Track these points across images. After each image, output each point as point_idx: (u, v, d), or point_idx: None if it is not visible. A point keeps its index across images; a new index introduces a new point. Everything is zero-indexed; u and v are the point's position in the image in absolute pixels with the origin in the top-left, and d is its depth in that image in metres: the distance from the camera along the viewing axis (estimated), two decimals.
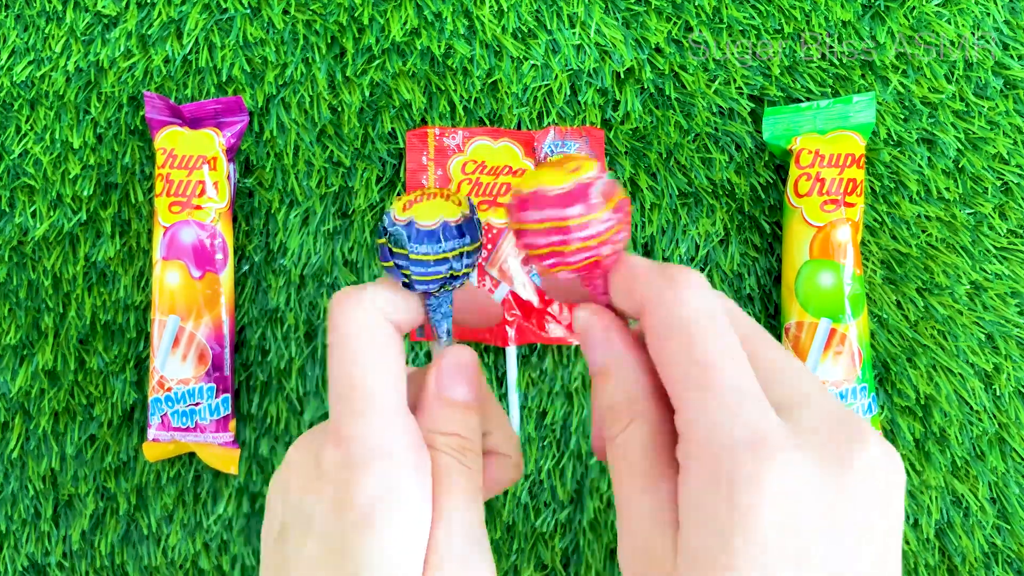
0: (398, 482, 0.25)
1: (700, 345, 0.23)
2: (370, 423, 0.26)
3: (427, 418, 0.28)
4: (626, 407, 0.25)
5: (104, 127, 0.49)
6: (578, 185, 0.25)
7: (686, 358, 0.23)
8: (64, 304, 0.49)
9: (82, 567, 0.50)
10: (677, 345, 0.24)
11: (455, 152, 0.49)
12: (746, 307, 0.50)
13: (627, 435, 0.25)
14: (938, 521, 0.49)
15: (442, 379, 0.29)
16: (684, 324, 0.24)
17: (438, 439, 0.28)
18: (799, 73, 0.49)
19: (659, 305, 0.24)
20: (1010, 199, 0.49)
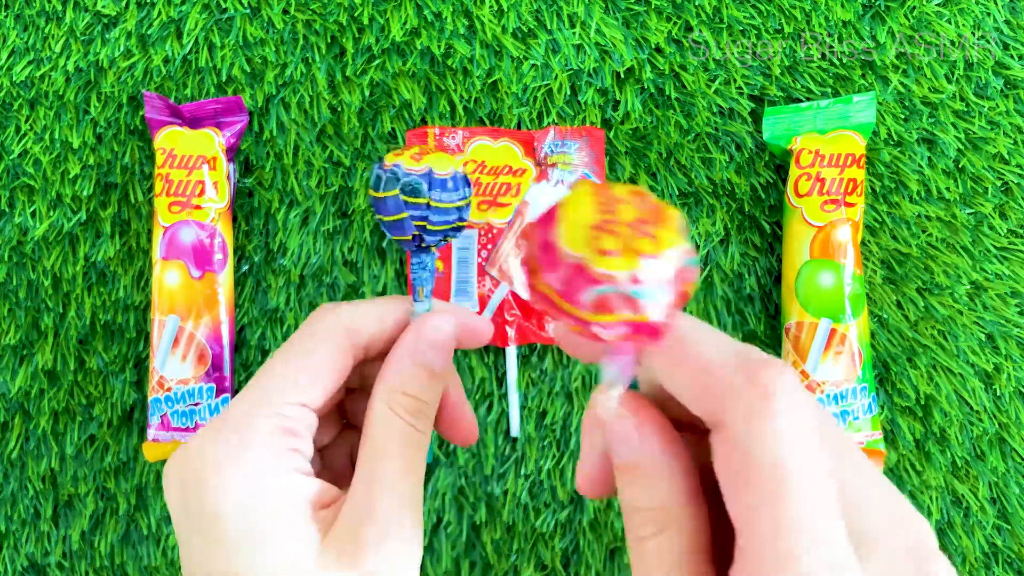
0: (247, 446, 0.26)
1: (786, 490, 0.20)
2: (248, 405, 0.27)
3: (393, 374, 0.28)
4: (660, 514, 0.23)
5: (104, 127, 0.49)
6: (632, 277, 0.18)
7: (771, 506, 0.20)
8: (64, 304, 0.49)
9: (82, 567, 0.50)
10: (756, 480, 0.20)
11: (455, 152, 0.49)
12: (746, 307, 0.49)
13: (659, 543, 0.22)
14: (938, 521, 0.49)
15: (420, 343, 0.29)
16: (772, 458, 0.20)
17: (398, 398, 0.28)
18: (799, 73, 0.49)
19: (741, 430, 0.20)
20: (1010, 199, 0.49)
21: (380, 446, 0.27)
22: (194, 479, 0.26)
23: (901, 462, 0.49)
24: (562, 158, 0.48)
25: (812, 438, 0.20)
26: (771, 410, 0.20)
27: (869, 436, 0.46)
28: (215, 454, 0.26)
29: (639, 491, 0.23)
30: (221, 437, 0.26)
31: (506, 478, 0.50)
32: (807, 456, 0.20)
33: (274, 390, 0.27)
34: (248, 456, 0.26)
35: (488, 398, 0.49)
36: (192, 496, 0.26)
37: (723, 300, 0.49)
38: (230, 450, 0.26)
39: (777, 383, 0.20)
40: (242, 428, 0.26)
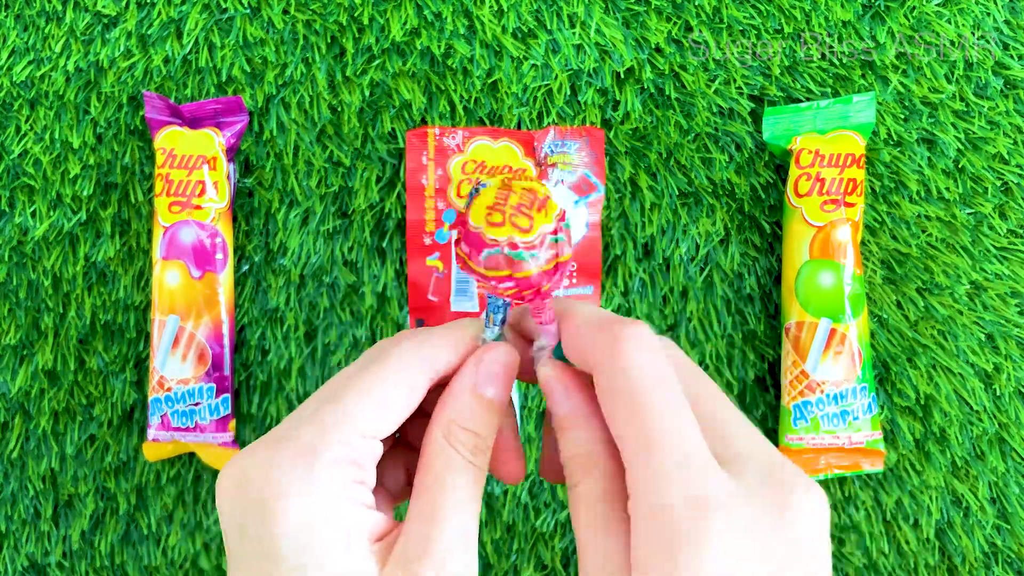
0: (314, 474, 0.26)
1: (645, 408, 0.24)
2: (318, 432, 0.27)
3: (453, 407, 0.28)
4: (585, 460, 0.27)
5: (104, 127, 0.49)
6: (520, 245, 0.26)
7: (631, 420, 0.24)
8: (64, 304, 0.49)
9: (82, 567, 0.50)
10: (623, 407, 0.25)
11: (455, 152, 0.49)
12: (746, 307, 0.50)
13: (585, 486, 0.26)
14: (938, 521, 0.49)
15: (481, 374, 0.29)
16: (629, 386, 0.25)
17: (456, 432, 0.28)
18: (799, 73, 0.49)
19: (604, 365, 0.25)
20: (1010, 199, 0.49)
21: (438, 480, 0.27)
22: (256, 499, 0.26)
23: (901, 462, 0.49)
24: (562, 158, 0.49)
25: (659, 368, 0.25)
26: (621, 348, 0.25)
27: (869, 436, 0.46)
28: (281, 478, 0.26)
29: (569, 441, 0.27)
30: (287, 461, 0.26)
31: None
32: (655, 380, 0.25)
33: (346, 419, 0.27)
34: (315, 485, 0.26)
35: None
36: (252, 515, 0.26)
37: (723, 300, 0.49)
38: (297, 475, 0.26)
39: (625, 331, 0.25)
40: (311, 455, 0.26)
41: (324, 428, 0.27)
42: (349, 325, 0.49)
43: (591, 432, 0.27)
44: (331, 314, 0.49)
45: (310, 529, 0.25)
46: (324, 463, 0.26)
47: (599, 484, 0.26)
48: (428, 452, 0.28)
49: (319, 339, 0.49)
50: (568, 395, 0.28)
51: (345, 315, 0.49)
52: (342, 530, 0.26)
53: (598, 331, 0.26)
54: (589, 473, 0.26)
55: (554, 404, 0.28)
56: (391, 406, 0.28)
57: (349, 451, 0.27)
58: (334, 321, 0.49)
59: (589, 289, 0.49)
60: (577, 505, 0.26)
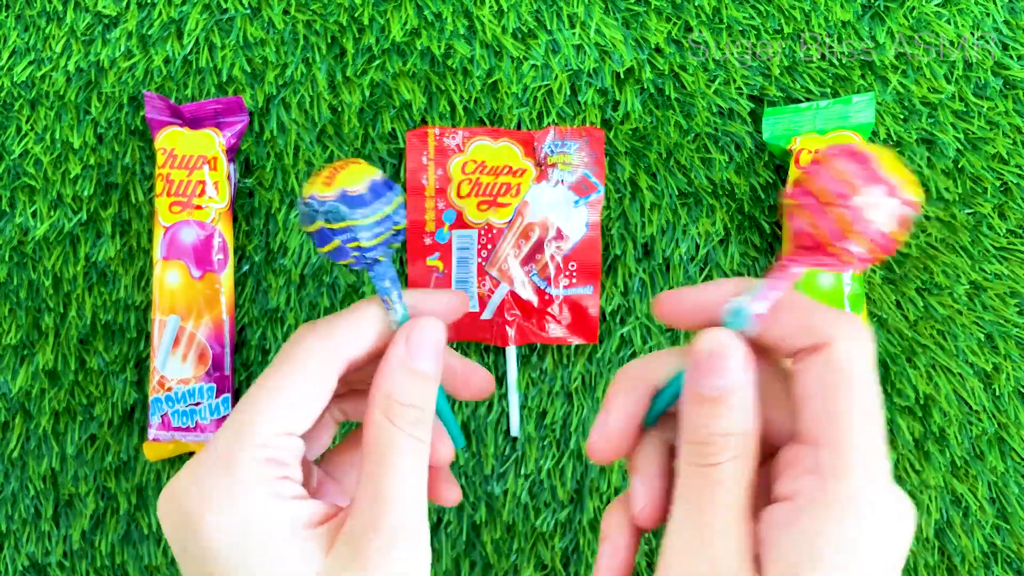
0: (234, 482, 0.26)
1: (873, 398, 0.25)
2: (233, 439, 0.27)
3: (388, 383, 0.28)
4: (737, 441, 0.25)
5: (104, 127, 0.49)
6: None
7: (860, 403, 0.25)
8: (64, 304, 0.49)
9: (82, 567, 0.50)
10: (855, 391, 0.25)
11: (455, 152, 0.49)
12: None
13: (731, 467, 0.25)
14: (937, 521, 0.49)
15: (412, 350, 0.29)
16: (864, 374, 0.25)
17: (396, 408, 0.28)
18: (799, 73, 0.49)
19: (845, 346, 0.25)
20: (1009, 199, 0.49)
21: (383, 457, 0.27)
22: (185, 517, 0.26)
23: (900, 462, 0.49)
24: (562, 158, 0.49)
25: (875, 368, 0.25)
26: (863, 336, 0.25)
27: None
28: (202, 491, 0.26)
29: (730, 417, 0.25)
30: (208, 473, 0.27)
31: (506, 478, 0.50)
32: (875, 375, 0.25)
33: (257, 422, 0.27)
34: (237, 491, 0.26)
35: (488, 398, 0.50)
36: (186, 533, 0.26)
37: None
38: (218, 486, 0.26)
39: (863, 323, 0.26)
40: (228, 464, 0.27)
41: (238, 434, 0.27)
42: None
43: (754, 413, 0.26)
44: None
45: (242, 535, 0.26)
46: (242, 468, 0.26)
47: (746, 467, 0.25)
48: (370, 431, 0.28)
49: None
50: (746, 369, 0.26)
51: None
52: (272, 525, 0.26)
53: (835, 313, 0.26)
54: (739, 456, 0.25)
55: (719, 375, 0.26)
56: (302, 402, 0.28)
57: (266, 451, 0.27)
58: None
59: (589, 289, 0.49)
60: (715, 483, 0.25)
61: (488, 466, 0.50)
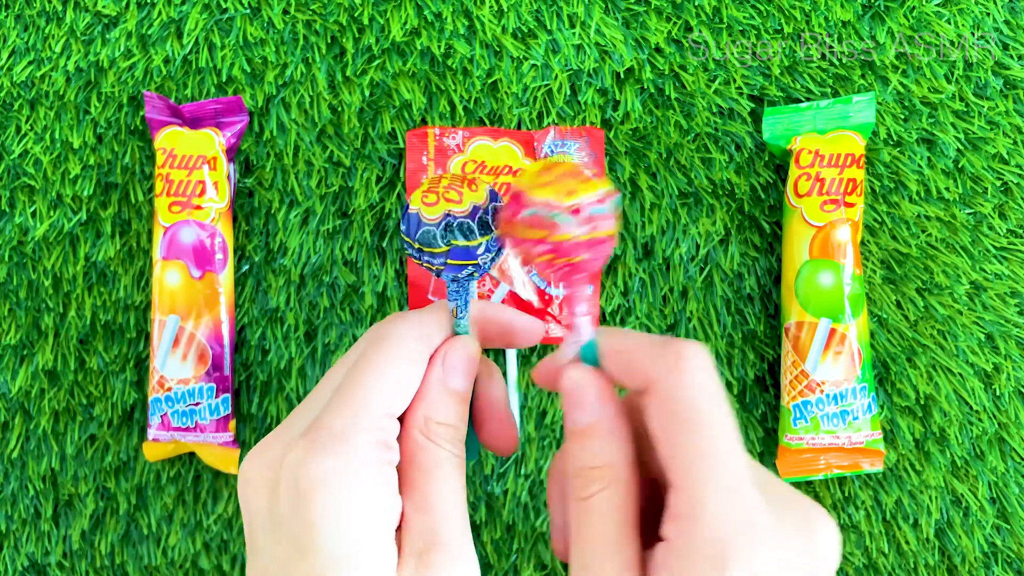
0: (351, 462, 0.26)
1: (707, 427, 0.25)
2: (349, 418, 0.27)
3: (427, 405, 0.29)
4: (606, 472, 0.27)
5: (104, 127, 0.49)
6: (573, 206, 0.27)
7: (691, 438, 0.25)
8: (64, 304, 0.49)
9: (82, 567, 0.50)
10: (683, 424, 0.25)
11: (455, 152, 0.49)
12: (746, 307, 0.50)
13: (602, 498, 0.26)
14: (938, 521, 0.49)
15: (448, 370, 0.30)
16: (692, 404, 0.25)
17: (435, 428, 0.29)
18: (799, 73, 0.49)
19: (665, 381, 0.26)
20: (1010, 199, 0.49)
21: (427, 474, 0.28)
22: (294, 489, 0.26)
23: (901, 462, 0.49)
24: (562, 158, 0.49)
25: (719, 391, 0.25)
26: (684, 367, 0.25)
27: (869, 436, 0.46)
28: (320, 468, 0.26)
29: (593, 450, 0.27)
30: (324, 451, 0.26)
31: (506, 478, 0.50)
32: (718, 401, 0.25)
33: (372, 401, 0.27)
34: (353, 474, 0.26)
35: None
36: (288, 505, 0.26)
37: (723, 300, 0.49)
38: (336, 466, 0.26)
39: (689, 349, 0.26)
40: (345, 443, 0.26)
41: (354, 413, 0.27)
42: (349, 325, 0.49)
43: (619, 444, 0.27)
44: (331, 314, 0.49)
45: (347, 521, 0.26)
46: (360, 450, 0.26)
47: (618, 497, 0.26)
48: (411, 449, 0.29)
49: (319, 339, 0.49)
50: (602, 402, 0.27)
51: (345, 315, 0.49)
52: (377, 518, 0.26)
53: (658, 347, 0.26)
54: (608, 486, 0.26)
55: (581, 410, 0.28)
56: (406, 381, 0.28)
57: (380, 434, 0.27)
58: (334, 321, 0.49)
59: (589, 289, 0.49)
60: (591, 515, 0.26)
61: (488, 466, 0.50)
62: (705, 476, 0.24)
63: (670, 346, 0.26)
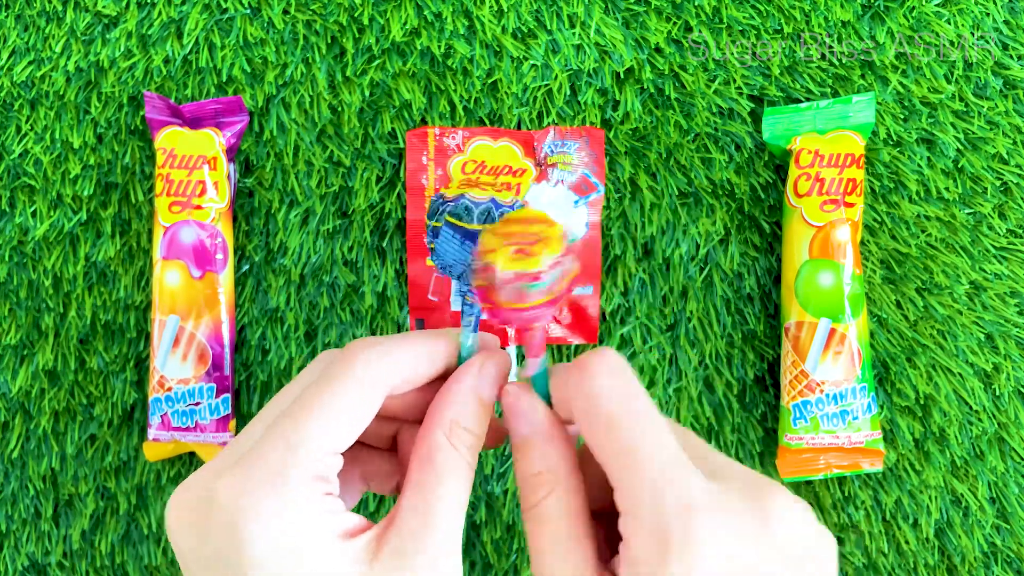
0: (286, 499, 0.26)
1: (620, 421, 0.26)
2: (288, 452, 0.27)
3: (456, 408, 0.29)
4: (548, 476, 0.28)
5: (104, 127, 0.49)
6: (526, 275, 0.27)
7: (611, 436, 0.26)
8: (64, 304, 0.49)
9: (82, 567, 0.50)
10: (601, 425, 0.26)
11: (455, 152, 0.49)
12: (746, 307, 0.50)
13: (548, 503, 0.27)
14: (937, 521, 0.49)
15: (484, 379, 0.30)
16: (601, 404, 0.26)
17: (459, 433, 0.29)
18: (799, 73, 0.49)
19: (578, 400, 0.27)
20: (1009, 199, 0.49)
21: (439, 478, 0.28)
22: (226, 523, 0.26)
23: (900, 462, 0.49)
24: (562, 158, 0.49)
25: (628, 384, 0.27)
26: (588, 376, 0.27)
27: (868, 436, 0.46)
28: (252, 501, 0.26)
29: (534, 458, 0.28)
30: (257, 483, 0.26)
31: (506, 477, 0.50)
32: (626, 394, 0.26)
33: (312, 437, 0.27)
34: (288, 505, 0.26)
35: None
36: (221, 542, 0.26)
37: (723, 300, 0.49)
38: (269, 497, 0.26)
39: (591, 358, 0.27)
40: (281, 475, 0.26)
41: (291, 448, 0.27)
42: (349, 325, 0.49)
43: (556, 449, 0.28)
44: (331, 314, 0.49)
45: (287, 550, 0.25)
46: (295, 483, 0.26)
47: (564, 499, 0.27)
48: (428, 449, 0.28)
49: (319, 339, 0.49)
50: (534, 413, 0.29)
51: (345, 315, 0.49)
52: (321, 539, 0.26)
53: (571, 369, 0.28)
54: (553, 490, 0.27)
55: (519, 423, 0.29)
56: (353, 422, 0.28)
57: (317, 468, 0.27)
58: (334, 321, 0.49)
59: (589, 289, 0.49)
60: (540, 521, 0.27)
61: (488, 466, 0.50)
62: (631, 471, 0.25)
63: (577, 363, 0.27)
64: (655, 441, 0.26)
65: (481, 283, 0.28)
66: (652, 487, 0.25)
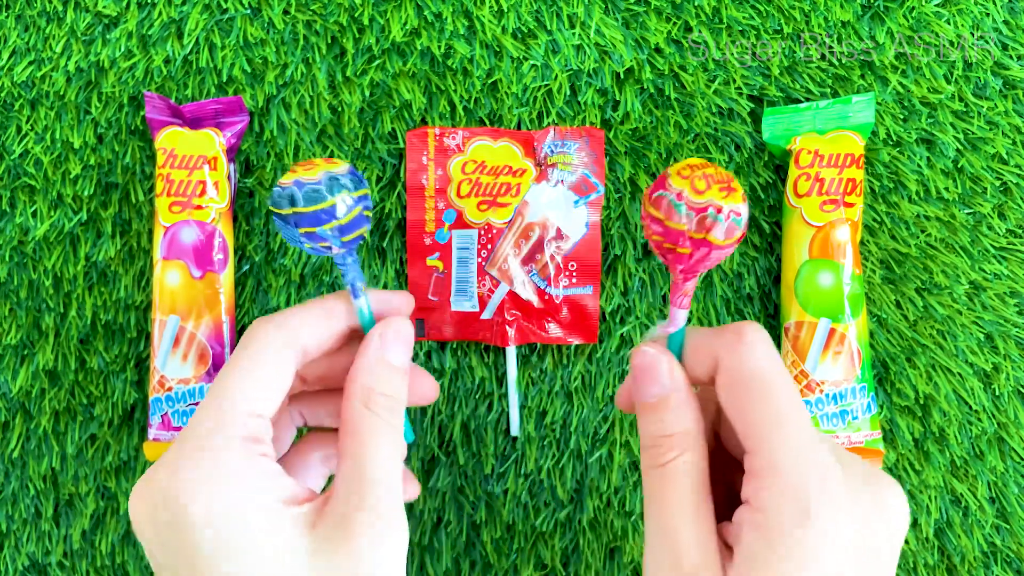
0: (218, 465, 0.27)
1: (777, 395, 0.27)
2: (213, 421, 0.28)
3: (368, 376, 0.31)
4: (681, 438, 0.29)
5: (105, 127, 0.49)
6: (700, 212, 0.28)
7: (764, 409, 0.27)
8: (65, 304, 0.49)
9: (83, 566, 0.50)
10: (755, 398, 0.27)
11: (455, 152, 0.49)
12: (746, 307, 0.50)
13: (678, 464, 0.28)
14: (937, 520, 0.49)
15: (387, 344, 0.32)
16: (760, 375, 0.27)
17: (376, 398, 0.30)
18: (798, 73, 0.49)
19: (731, 362, 0.28)
20: (1009, 199, 0.49)
21: (363, 443, 0.29)
22: (166, 503, 0.26)
23: (900, 461, 0.49)
24: (562, 158, 0.49)
25: (780, 360, 0.28)
26: (745, 342, 0.28)
27: (868, 436, 0.47)
28: (187, 475, 0.27)
29: (667, 419, 0.29)
30: (189, 457, 0.27)
31: (506, 477, 0.50)
32: (781, 369, 0.28)
33: (231, 404, 0.28)
34: (222, 469, 0.27)
35: (488, 398, 0.50)
36: (167, 520, 0.27)
37: (723, 300, 0.49)
38: (202, 467, 0.27)
39: (746, 328, 0.28)
40: (209, 444, 0.27)
41: (217, 416, 0.28)
42: None
43: (692, 411, 0.29)
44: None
45: (229, 517, 0.26)
46: (225, 451, 0.27)
47: (695, 461, 0.28)
48: (350, 419, 0.30)
49: None
50: (672, 374, 0.29)
51: None
52: (261, 504, 0.27)
53: (719, 332, 0.29)
54: (685, 451, 0.28)
55: (656, 382, 0.29)
56: (267, 384, 0.29)
57: (244, 430, 0.28)
58: None
59: (589, 289, 0.49)
60: (670, 480, 0.28)
61: (488, 466, 0.50)
62: (778, 435, 0.26)
63: (729, 328, 0.29)
64: (802, 414, 0.27)
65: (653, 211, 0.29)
66: (797, 453, 0.26)
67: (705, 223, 0.28)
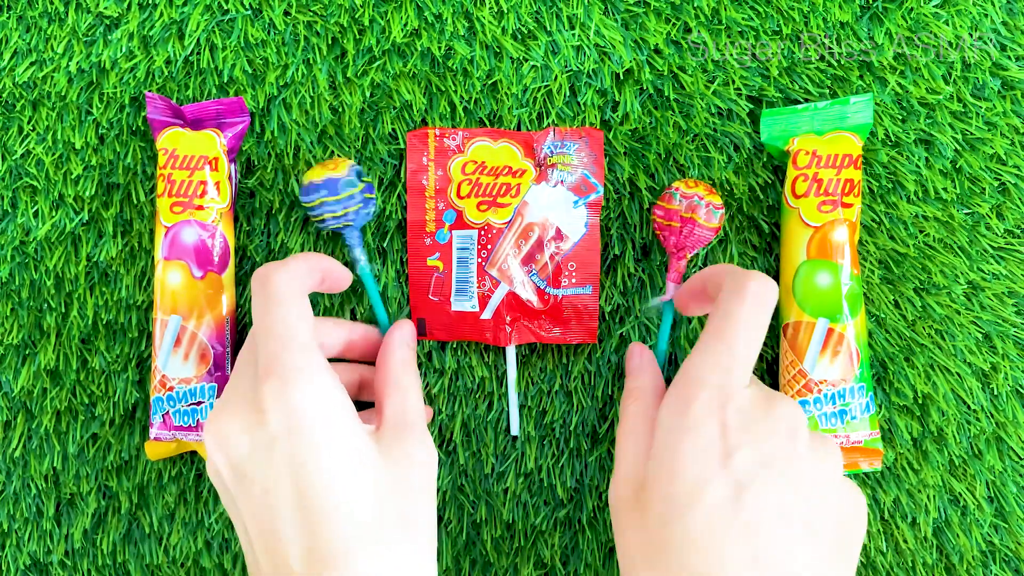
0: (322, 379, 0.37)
1: (744, 313, 0.37)
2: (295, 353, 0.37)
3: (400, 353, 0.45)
4: (639, 392, 0.43)
5: (106, 128, 0.49)
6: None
7: (725, 314, 0.38)
8: (66, 304, 0.50)
9: (84, 566, 0.50)
10: (733, 304, 0.37)
11: (455, 153, 0.49)
12: None
13: (635, 406, 0.42)
14: (936, 520, 0.50)
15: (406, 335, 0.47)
16: (731, 317, 0.38)
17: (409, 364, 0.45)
18: (797, 74, 0.49)
19: (726, 300, 0.38)
20: (1007, 199, 0.49)
21: (405, 390, 0.42)
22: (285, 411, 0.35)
23: (899, 461, 0.49)
24: (562, 159, 0.49)
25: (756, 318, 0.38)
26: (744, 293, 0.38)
27: (867, 435, 0.47)
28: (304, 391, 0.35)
29: (640, 383, 0.44)
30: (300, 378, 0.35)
31: (506, 476, 0.50)
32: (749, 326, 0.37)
33: (305, 338, 0.37)
34: (327, 388, 0.36)
35: (488, 397, 0.50)
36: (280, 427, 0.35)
37: None
38: (313, 389, 0.36)
39: (750, 285, 0.38)
40: (310, 370, 0.36)
41: (302, 349, 0.37)
42: None
43: (652, 381, 0.44)
44: (331, 314, 0.49)
45: (327, 406, 0.36)
46: (319, 370, 0.36)
47: (644, 404, 0.42)
48: (394, 374, 0.43)
49: None
50: (642, 356, 0.47)
51: (345, 315, 0.49)
52: (346, 406, 0.37)
53: (739, 272, 0.39)
54: (640, 400, 0.42)
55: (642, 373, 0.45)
56: (307, 314, 0.39)
57: (321, 355, 0.37)
58: None
59: (588, 289, 0.49)
60: (627, 415, 0.42)
61: (488, 465, 0.50)
62: (712, 344, 0.38)
63: (747, 274, 0.38)
64: (749, 339, 0.37)
65: (685, 213, 0.45)
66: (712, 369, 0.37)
67: (692, 205, 0.45)
